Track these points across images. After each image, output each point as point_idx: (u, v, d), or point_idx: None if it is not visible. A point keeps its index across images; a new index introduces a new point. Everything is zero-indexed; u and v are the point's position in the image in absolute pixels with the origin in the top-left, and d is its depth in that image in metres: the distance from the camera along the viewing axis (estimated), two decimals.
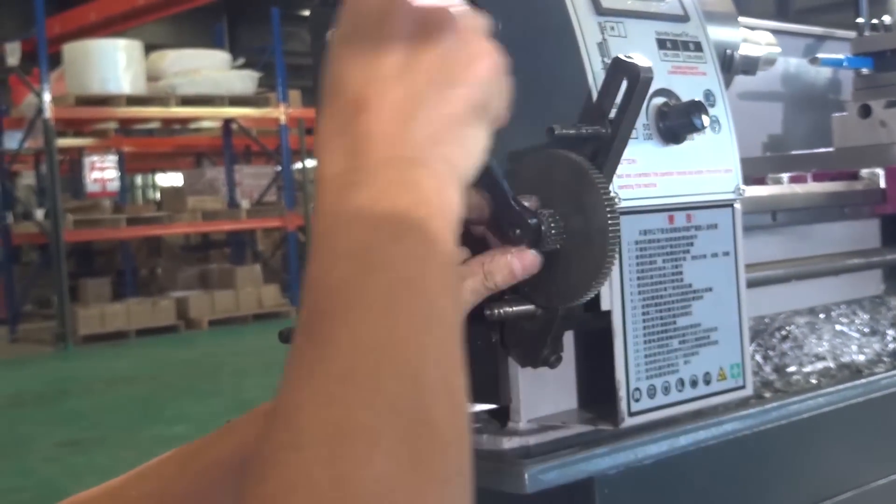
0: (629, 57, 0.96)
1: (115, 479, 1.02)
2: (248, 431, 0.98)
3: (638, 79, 0.95)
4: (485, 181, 1.05)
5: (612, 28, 1.06)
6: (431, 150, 0.74)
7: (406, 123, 0.74)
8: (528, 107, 1.05)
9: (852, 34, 1.92)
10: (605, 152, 0.96)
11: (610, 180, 0.96)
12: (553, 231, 0.95)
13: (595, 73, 1.02)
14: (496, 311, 1.00)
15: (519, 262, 0.96)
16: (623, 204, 1.01)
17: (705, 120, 1.05)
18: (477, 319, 1.00)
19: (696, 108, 1.05)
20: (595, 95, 0.99)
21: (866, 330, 1.57)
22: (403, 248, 0.69)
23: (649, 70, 0.95)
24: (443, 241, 0.71)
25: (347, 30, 0.77)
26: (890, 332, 1.58)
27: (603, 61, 1.03)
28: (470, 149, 0.77)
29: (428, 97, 0.75)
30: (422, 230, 0.70)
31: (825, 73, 2.04)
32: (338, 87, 0.76)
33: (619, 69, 0.96)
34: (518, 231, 0.95)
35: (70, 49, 12.45)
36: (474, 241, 1.00)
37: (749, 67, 1.46)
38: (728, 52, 1.38)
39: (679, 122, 1.06)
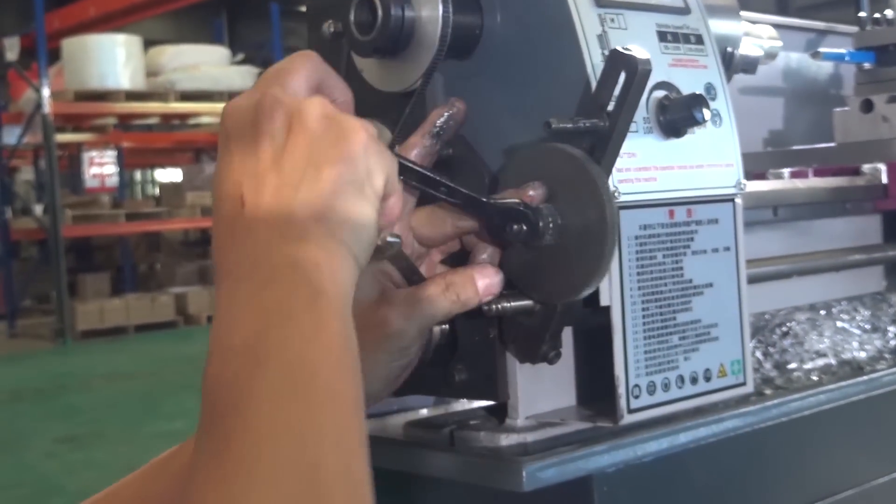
0: (627, 49, 0.95)
1: (106, 489, 1.04)
2: None
3: (636, 71, 0.93)
4: (480, 177, 1.05)
5: (612, 20, 1.04)
6: (315, 228, 0.77)
7: (285, 208, 0.77)
8: (526, 100, 1.04)
9: (854, 29, 1.91)
10: (604, 146, 0.95)
11: (609, 174, 0.95)
12: (551, 226, 0.94)
13: (595, 66, 1.00)
14: (494, 306, 0.98)
15: (481, 276, 0.96)
16: (623, 198, 1.00)
17: (706, 113, 1.04)
18: (475, 315, 0.99)
19: (697, 101, 1.04)
20: (594, 88, 0.98)
21: (867, 326, 1.56)
22: (291, 332, 0.72)
23: (648, 62, 0.94)
24: (332, 319, 0.74)
25: (226, 133, 0.81)
26: (891, 328, 1.57)
27: (603, 54, 1.01)
28: (354, 223, 0.79)
29: (303, 179, 0.78)
30: (309, 312, 0.73)
31: (826, 67, 2.03)
32: (222, 187, 0.80)
33: (616, 61, 0.95)
34: (516, 226, 0.94)
35: (69, 44, 12.44)
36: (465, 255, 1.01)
37: (748, 67, 1.45)
38: (728, 50, 1.37)
39: (680, 116, 1.04)
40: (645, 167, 1.03)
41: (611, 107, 0.95)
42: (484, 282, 0.97)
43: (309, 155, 0.78)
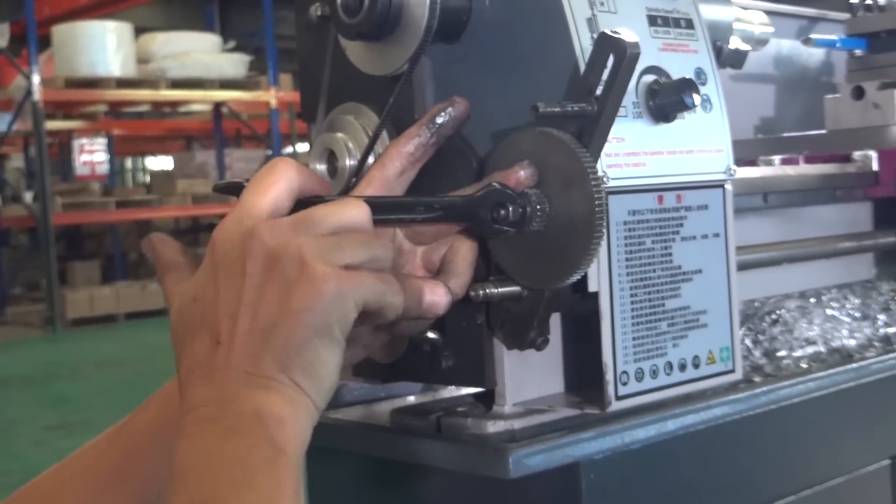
0: (616, 32, 0.94)
1: (59, 463, 1.09)
2: (164, 402, 1.04)
3: (625, 55, 0.92)
4: (468, 162, 1.04)
5: (602, 3, 1.03)
6: (281, 378, 0.81)
7: (255, 355, 0.81)
8: (514, 84, 1.03)
9: (846, 16, 1.90)
10: (592, 130, 0.94)
11: (596, 159, 0.94)
12: (539, 211, 0.93)
13: (584, 50, 0.99)
14: (481, 291, 0.98)
15: (430, 293, 0.94)
16: (611, 183, 0.99)
17: (696, 98, 1.03)
18: (462, 300, 0.98)
19: (687, 86, 1.03)
20: (582, 72, 0.97)
21: (857, 314, 1.56)
22: (249, 496, 0.76)
23: (636, 45, 0.93)
24: (288, 480, 0.79)
25: (214, 261, 0.85)
26: (881, 316, 1.57)
27: (592, 37, 1.00)
28: (319, 373, 0.82)
29: (274, 327, 0.81)
30: (268, 473, 0.77)
31: (818, 54, 2.02)
32: (204, 322, 0.84)
33: (605, 45, 0.94)
34: (503, 211, 0.93)
35: (59, 31, 12.38)
36: None
37: (736, 62, 1.44)
38: (717, 43, 1.36)
39: (669, 101, 1.03)
40: (634, 152, 1.02)
41: (599, 91, 0.94)
42: (430, 299, 0.94)
43: (281, 302, 0.81)
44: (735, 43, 1.39)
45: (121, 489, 1.03)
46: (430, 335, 1.02)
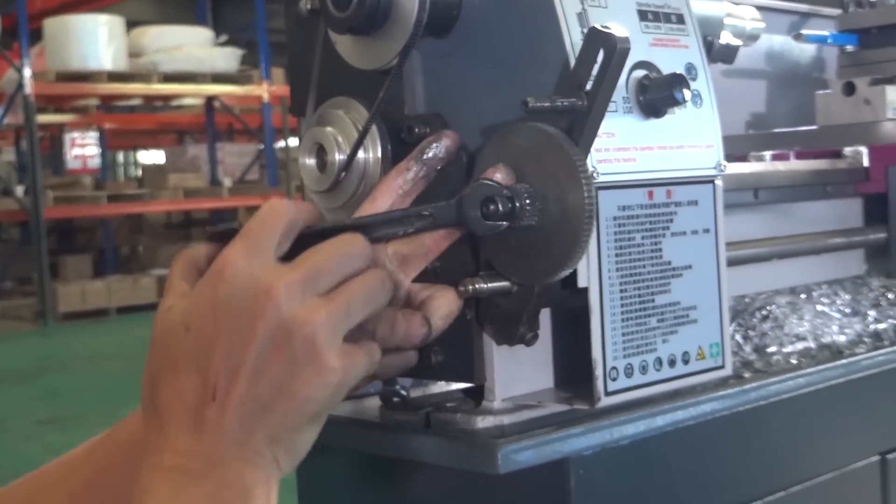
0: (606, 27, 0.93)
1: (36, 470, 1.09)
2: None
3: (615, 50, 0.92)
4: (458, 156, 1.03)
5: None
6: (265, 452, 0.82)
7: (249, 425, 0.81)
8: (504, 78, 1.03)
9: (837, 11, 1.90)
10: (582, 125, 0.93)
11: (587, 154, 0.94)
12: (528, 206, 0.93)
13: (574, 44, 0.99)
14: (471, 287, 0.97)
15: (406, 322, 0.95)
16: (601, 179, 0.99)
17: (686, 94, 1.03)
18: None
19: (678, 81, 1.03)
20: (572, 67, 0.97)
21: (847, 310, 1.56)
22: None
23: (626, 40, 0.93)
24: None
25: (222, 300, 0.82)
26: (871, 312, 1.57)
27: (582, 32, 1.00)
28: (298, 449, 0.84)
29: (272, 403, 0.81)
30: None
31: (809, 50, 2.02)
32: (196, 360, 0.82)
33: (595, 40, 0.94)
34: (492, 206, 0.93)
35: (51, 24, 12.34)
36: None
37: (727, 57, 1.44)
38: (708, 38, 1.36)
39: (660, 96, 1.03)
40: (624, 147, 1.02)
41: (589, 86, 0.94)
42: (405, 330, 0.95)
43: (284, 381, 0.81)
44: (726, 38, 1.39)
45: (94, 502, 1.04)
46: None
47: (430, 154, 1.01)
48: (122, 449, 1.02)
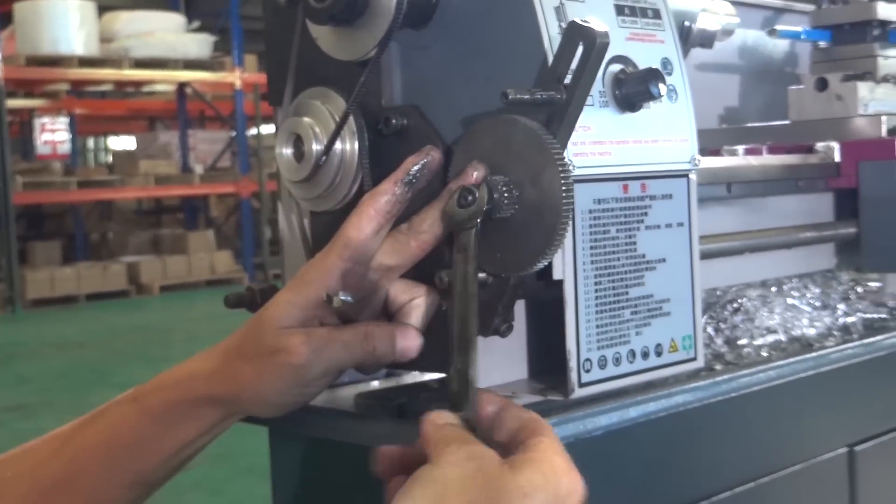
0: (585, 21, 0.94)
1: None
2: (116, 423, 1.03)
3: (594, 44, 0.93)
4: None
5: None
6: None
7: None
8: (481, 71, 1.03)
9: (811, 7, 1.91)
10: (560, 118, 0.94)
11: (564, 147, 0.94)
12: (506, 197, 0.93)
13: (552, 38, 0.99)
14: (446, 278, 0.98)
15: (402, 337, 0.99)
16: (577, 172, 1.00)
17: (662, 88, 1.03)
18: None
19: (654, 76, 1.03)
20: (551, 60, 0.97)
21: (817, 304, 1.57)
22: None
23: (606, 35, 0.93)
24: None
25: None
26: (840, 306, 1.58)
27: (560, 26, 1.01)
28: None
29: None
30: None
31: (782, 45, 2.04)
32: None
33: (574, 33, 0.94)
34: (470, 197, 0.93)
35: (21, 8, 12.25)
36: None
37: (706, 41, 1.45)
38: (686, 24, 1.37)
39: (636, 90, 1.04)
40: (600, 141, 1.02)
41: (568, 79, 0.94)
42: (403, 343, 0.99)
43: None
44: (703, 22, 1.40)
45: (63, 502, 1.03)
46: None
47: (414, 171, 1.00)
48: (93, 451, 1.02)
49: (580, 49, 0.93)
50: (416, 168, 1.00)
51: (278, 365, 0.97)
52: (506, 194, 0.94)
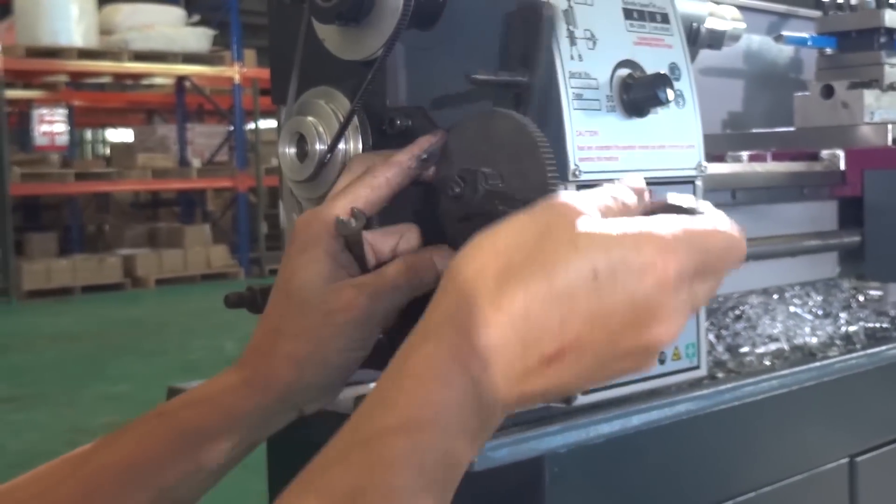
0: None
1: (4, 484, 1.01)
2: (138, 436, 0.98)
3: (541, 17, 0.93)
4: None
5: None
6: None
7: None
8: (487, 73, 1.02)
9: (816, 13, 1.91)
10: (528, 99, 0.94)
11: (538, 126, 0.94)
12: (489, 185, 0.93)
13: (559, 41, 0.98)
14: None
15: (439, 258, 0.97)
16: (584, 177, 0.99)
17: (670, 94, 1.02)
18: (424, 294, 0.97)
19: (662, 81, 1.03)
20: (559, 64, 0.97)
21: (819, 312, 1.56)
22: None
23: (550, 6, 0.94)
24: None
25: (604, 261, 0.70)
26: (843, 315, 1.58)
27: (569, 30, 1.00)
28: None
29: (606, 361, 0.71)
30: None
31: (787, 51, 2.03)
32: (561, 305, 0.69)
33: (522, 11, 0.95)
34: (458, 189, 0.93)
35: None
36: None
37: (714, 41, 1.44)
38: (694, 25, 1.36)
39: (643, 95, 1.03)
40: (606, 146, 1.01)
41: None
42: (443, 263, 0.97)
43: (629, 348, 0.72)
44: (712, 23, 1.39)
45: None
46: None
47: (428, 153, 0.99)
48: (112, 472, 0.97)
49: (530, 25, 0.94)
50: (430, 145, 0.99)
51: (336, 325, 0.95)
52: (490, 186, 0.93)
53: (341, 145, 1.08)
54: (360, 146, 1.08)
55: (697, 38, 1.31)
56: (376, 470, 0.68)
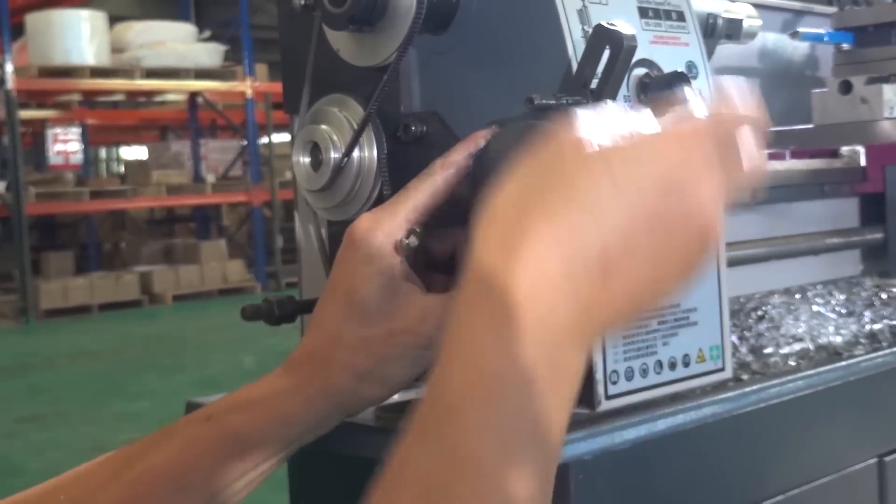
0: (612, 24, 0.92)
1: (45, 483, 0.99)
2: (185, 440, 0.96)
3: (622, 47, 0.90)
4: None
5: None
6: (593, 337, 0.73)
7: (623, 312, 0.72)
8: (503, 75, 1.01)
9: (830, 9, 1.89)
10: None
11: None
12: None
13: (575, 42, 0.97)
14: None
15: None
16: None
17: (688, 92, 1.01)
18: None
19: (679, 79, 1.01)
20: (575, 64, 0.95)
21: (843, 311, 1.54)
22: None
23: (633, 38, 0.91)
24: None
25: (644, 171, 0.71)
26: (866, 313, 1.56)
27: (583, 29, 0.98)
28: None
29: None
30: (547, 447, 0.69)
31: (803, 48, 2.01)
32: (592, 218, 0.69)
33: (601, 37, 0.92)
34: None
35: (33, 19, 12.28)
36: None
37: (733, 32, 1.42)
38: (710, 19, 1.34)
39: (661, 94, 1.01)
40: None
41: (594, 84, 0.92)
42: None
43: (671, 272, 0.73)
44: (729, 13, 1.38)
45: None
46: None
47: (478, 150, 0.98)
48: (161, 475, 0.95)
49: (607, 53, 0.91)
50: (481, 143, 0.97)
51: (401, 345, 0.94)
52: None
53: (356, 153, 1.06)
54: (375, 153, 1.06)
55: (715, 29, 1.29)
56: (458, 445, 0.67)
